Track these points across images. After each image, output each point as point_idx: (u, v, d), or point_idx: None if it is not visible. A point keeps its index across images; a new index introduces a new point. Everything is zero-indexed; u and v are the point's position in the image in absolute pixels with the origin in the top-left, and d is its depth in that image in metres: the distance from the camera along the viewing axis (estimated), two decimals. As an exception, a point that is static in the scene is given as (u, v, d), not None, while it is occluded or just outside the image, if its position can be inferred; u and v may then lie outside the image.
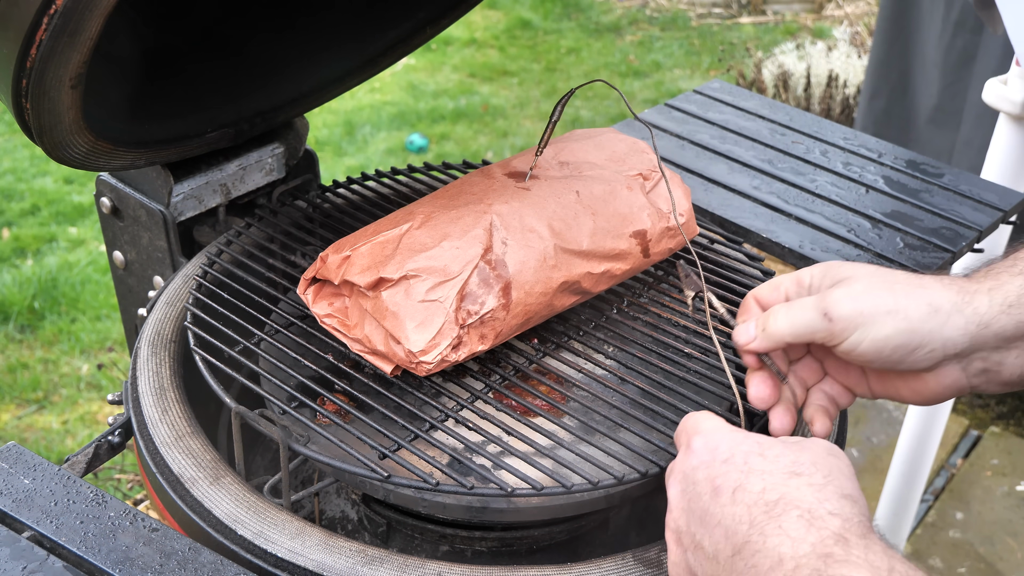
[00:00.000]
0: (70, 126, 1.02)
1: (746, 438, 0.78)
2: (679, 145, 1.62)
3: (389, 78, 4.71)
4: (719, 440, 0.78)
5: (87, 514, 0.84)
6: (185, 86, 1.30)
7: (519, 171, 1.16)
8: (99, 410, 2.65)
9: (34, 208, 3.55)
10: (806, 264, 1.38)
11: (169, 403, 1.05)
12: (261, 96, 1.37)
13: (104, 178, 1.35)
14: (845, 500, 0.71)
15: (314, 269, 1.07)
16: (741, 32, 5.59)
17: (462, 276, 1.00)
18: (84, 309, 3.02)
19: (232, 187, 1.37)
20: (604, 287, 1.13)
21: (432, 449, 0.99)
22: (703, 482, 0.76)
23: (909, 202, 1.48)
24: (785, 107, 1.78)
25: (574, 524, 1.08)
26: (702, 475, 0.76)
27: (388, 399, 1.01)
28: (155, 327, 1.16)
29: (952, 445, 2.78)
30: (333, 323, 1.06)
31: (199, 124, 1.29)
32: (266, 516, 0.93)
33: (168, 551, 0.81)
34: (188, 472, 0.97)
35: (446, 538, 1.07)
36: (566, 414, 1.02)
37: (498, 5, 5.59)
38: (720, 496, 0.74)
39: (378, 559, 0.89)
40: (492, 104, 4.52)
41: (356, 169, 3.91)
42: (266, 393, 1.03)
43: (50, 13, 0.86)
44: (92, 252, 3.30)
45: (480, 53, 5.07)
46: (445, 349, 0.98)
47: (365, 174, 1.40)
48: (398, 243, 1.03)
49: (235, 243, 1.25)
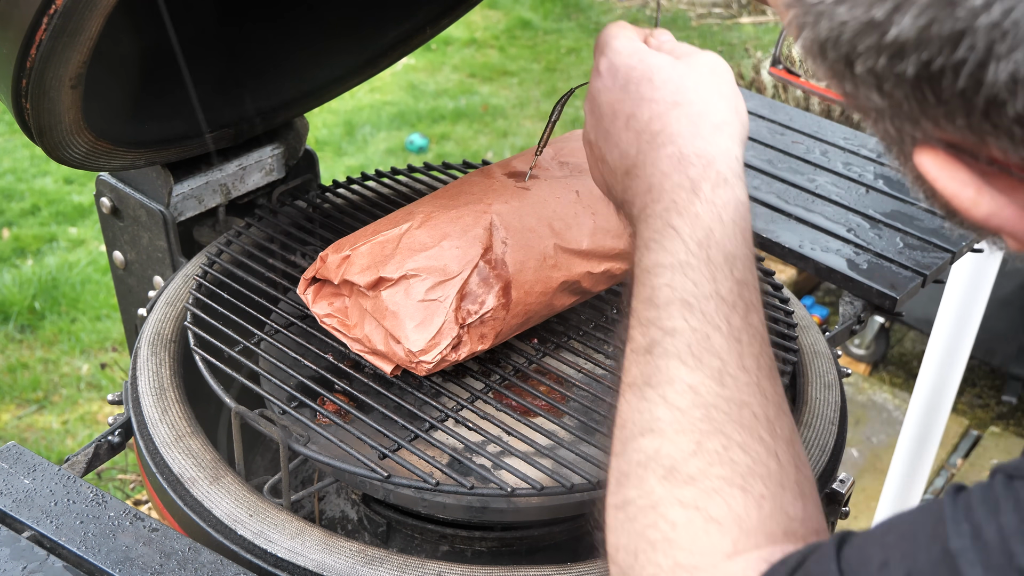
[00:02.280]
0: (70, 126, 1.02)
1: (640, 61, 0.81)
2: (679, 145, 1.61)
3: (389, 78, 4.71)
4: (619, 64, 0.82)
5: (87, 514, 0.84)
6: (185, 86, 1.30)
7: (519, 171, 1.16)
8: (99, 410, 2.65)
9: (34, 208, 3.55)
10: (806, 264, 1.38)
11: (169, 403, 1.05)
12: (261, 96, 1.36)
13: (104, 178, 1.35)
14: (716, 131, 0.76)
15: (314, 269, 1.07)
16: (741, 32, 5.58)
17: (462, 276, 1.00)
18: (84, 309, 3.01)
19: (232, 187, 1.36)
20: (604, 287, 1.13)
21: (432, 449, 0.99)
22: (605, 106, 0.82)
23: (909, 202, 1.48)
24: (785, 107, 1.78)
25: (574, 524, 1.08)
26: (604, 99, 0.82)
27: (388, 399, 1.01)
28: (155, 327, 1.16)
29: (952, 445, 2.78)
30: (333, 323, 1.06)
31: (199, 124, 1.29)
32: (266, 516, 0.93)
33: (168, 551, 0.81)
34: (188, 472, 0.97)
35: (446, 538, 1.07)
36: (566, 414, 1.02)
37: (498, 5, 5.59)
38: (617, 121, 0.80)
39: (378, 559, 0.89)
40: (492, 104, 4.52)
41: (356, 169, 3.90)
42: (266, 393, 1.03)
43: (50, 13, 0.86)
44: (92, 252, 3.30)
45: (480, 53, 5.07)
46: (445, 349, 0.98)
47: (365, 174, 1.40)
48: (398, 243, 1.03)
49: (235, 243, 1.25)
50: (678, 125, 0.76)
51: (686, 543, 0.62)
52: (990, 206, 0.49)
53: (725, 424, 0.65)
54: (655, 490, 0.65)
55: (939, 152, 0.50)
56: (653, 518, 0.64)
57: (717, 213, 0.72)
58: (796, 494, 0.65)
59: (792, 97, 3.99)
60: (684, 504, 0.63)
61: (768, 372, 0.69)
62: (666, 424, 0.67)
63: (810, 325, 1.25)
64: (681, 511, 0.63)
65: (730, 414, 0.66)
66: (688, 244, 0.71)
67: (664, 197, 0.74)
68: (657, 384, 0.68)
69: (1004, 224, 0.49)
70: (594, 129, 0.84)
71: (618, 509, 0.67)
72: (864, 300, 1.34)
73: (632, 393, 0.70)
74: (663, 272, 0.71)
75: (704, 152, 0.75)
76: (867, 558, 0.52)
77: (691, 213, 0.72)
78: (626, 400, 0.70)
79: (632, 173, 0.78)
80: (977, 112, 0.45)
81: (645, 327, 0.71)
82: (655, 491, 0.65)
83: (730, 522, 0.62)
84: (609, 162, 0.82)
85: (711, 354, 0.68)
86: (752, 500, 0.63)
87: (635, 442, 0.68)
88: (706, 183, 0.73)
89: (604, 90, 0.82)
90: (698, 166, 0.74)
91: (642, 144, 0.77)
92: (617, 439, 0.70)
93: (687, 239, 0.71)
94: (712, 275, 0.70)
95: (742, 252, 0.72)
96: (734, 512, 0.62)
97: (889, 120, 0.51)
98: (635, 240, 0.77)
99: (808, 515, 0.65)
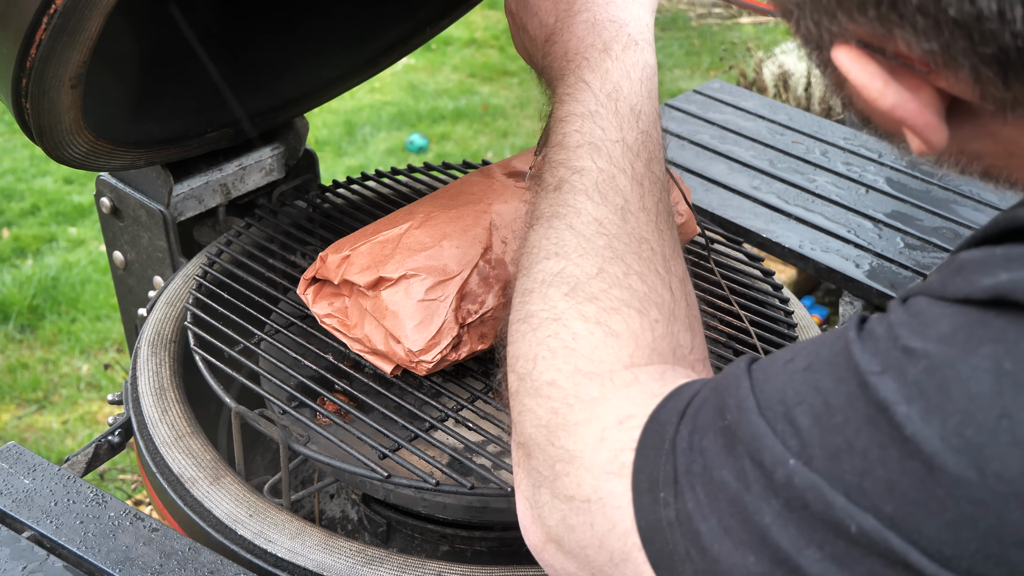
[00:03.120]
0: (70, 126, 1.02)
1: None
2: (679, 145, 1.62)
3: (389, 78, 4.70)
4: None
5: (87, 514, 0.84)
6: (185, 86, 1.30)
7: (519, 171, 1.16)
8: (99, 410, 2.65)
9: (34, 208, 3.55)
10: (806, 264, 1.39)
11: (169, 403, 1.05)
12: (261, 96, 1.36)
13: (104, 178, 1.35)
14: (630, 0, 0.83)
15: (314, 269, 1.07)
16: (741, 32, 5.59)
17: (462, 275, 1.00)
18: (84, 309, 3.01)
19: (232, 187, 1.36)
20: (604, 287, 1.13)
21: (432, 449, 0.99)
22: None
23: (909, 202, 1.48)
24: (785, 107, 1.78)
25: (574, 524, 1.08)
26: None
27: (388, 399, 1.01)
28: (155, 327, 1.16)
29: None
30: (333, 323, 1.06)
31: (199, 124, 1.29)
32: (266, 516, 0.93)
33: (168, 551, 0.81)
34: (188, 472, 0.97)
35: (446, 538, 1.07)
36: (566, 414, 1.02)
37: (498, 5, 5.59)
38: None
39: (378, 559, 0.89)
40: (492, 104, 4.52)
41: (356, 169, 3.90)
42: (266, 393, 1.03)
43: (50, 13, 0.86)
44: (92, 252, 3.30)
45: (480, 53, 5.07)
46: (445, 348, 0.98)
47: (365, 174, 1.40)
48: (398, 242, 1.03)
49: (235, 243, 1.25)
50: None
51: (587, 352, 0.67)
52: (895, 98, 0.53)
53: (625, 254, 0.71)
54: (558, 305, 0.70)
55: (853, 48, 0.54)
56: (555, 328, 0.69)
57: (626, 71, 0.78)
58: (686, 326, 0.71)
59: (793, 97, 3.99)
60: (586, 318, 0.68)
61: (666, 218, 0.75)
62: (571, 249, 0.72)
63: (810, 325, 1.25)
64: (583, 324, 0.68)
65: (630, 246, 0.72)
66: (598, 96, 0.77)
67: (577, 57, 0.80)
68: (564, 215, 0.74)
69: (907, 117, 0.53)
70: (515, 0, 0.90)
71: (521, 322, 0.72)
72: (864, 300, 1.34)
73: (540, 224, 0.75)
74: (574, 120, 0.77)
75: (617, 18, 0.81)
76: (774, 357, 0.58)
77: (602, 69, 0.78)
78: (534, 231, 0.76)
79: (551, 39, 0.84)
80: (885, 1, 0.49)
81: (555, 168, 0.77)
82: (558, 305, 0.70)
83: (628, 337, 0.67)
84: (529, 31, 0.88)
85: (615, 192, 0.74)
86: (648, 322, 0.68)
87: (540, 264, 0.73)
88: (617, 44, 0.80)
89: None
90: (611, 30, 0.80)
91: (559, 12, 0.84)
92: (523, 264, 0.75)
93: (597, 92, 0.78)
94: (619, 124, 0.76)
95: (648, 108, 0.78)
96: (631, 329, 0.67)
97: (809, 16, 0.55)
98: (552, 99, 0.83)
99: (695, 346, 0.71)
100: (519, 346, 0.71)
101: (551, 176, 0.77)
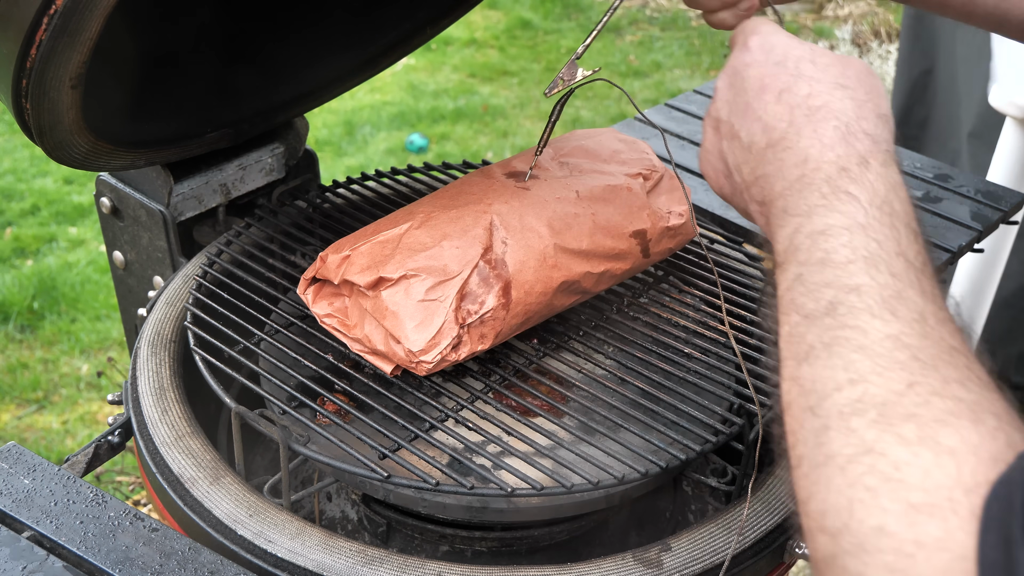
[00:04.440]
0: (70, 126, 1.02)
1: (800, 44, 0.81)
2: (679, 145, 1.62)
3: (389, 78, 4.70)
4: (775, 43, 0.82)
5: (87, 514, 0.84)
6: (185, 86, 1.30)
7: (519, 171, 1.16)
8: (99, 410, 2.65)
9: (34, 208, 3.55)
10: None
11: (169, 403, 1.05)
12: (261, 96, 1.36)
13: (104, 178, 1.35)
14: (880, 120, 0.75)
15: (314, 269, 1.07)
16: (741, 32, 5.58)
17: (462, 275, 1.00)
18: (84, 309, 3.01)
19: (232, 187, 1.36)
20: (604, 287, 1.13)
21: (432, 449, 0.99)
22: (752, 79, 0.81)
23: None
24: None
25: (574, 524, 1.08)
26: (753, 73, 0.81)
27: (388, 399, 1.01)
28: (155, 327, 1.16)
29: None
30: (333, 323, 1.06)
31: (199, 124, 1.29)
32: (266, 516, 0.93)
33: (168, 551, 0.81)
34: (188, 472, 0.97)
35: (446, 538, 1.07)
36: (566, 414, 1.02)
37: (498, 5, 5.59)
38: (765, 95, 0.79)
39: (378, 559, 0.89)
40: (492, 104, 4.52)
41: (356, 169, 3.90)
42: (266, 393, 1.03)
43: (50, 13, 0.86)
44: (92, 252, 3.30)
45: (480, 53, 5.07)
46: (445, 348, 0.98)
47: (365, 174, 1.40)
48: (398, 243, 1.03)
49: (235, 243, 1.25)
50: (842, 104, 0.75)
51: (916, 481, 0.55)
52: None
53: (937, 364, 0.59)
54: (866, 435, 0.58)
55: None
56: (869, 463, 0.57)
57: (891, 185, 0.70)
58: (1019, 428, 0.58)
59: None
60: (906, 441, 0.56)
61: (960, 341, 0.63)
62: (867, 370, 0.60)
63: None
64: (903, 449, 0.56)
65: (940, 356, 0.60)
66: (867, 208, 0.68)
67: (826, 167, 0.72)
68: (848, 339, 0.62)
69: None
70: (730, 104, 0.82)
71: (819, 468, 0.60)
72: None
73: (816, 356, 0.64)
74: (839, 233, 0.67)
75: (871, 132, 0.74)
76: None
77: (866, 180, 0.70)
78: (808, 366, 0.64)
79: (779, 145, 0.76)
80: None
81: (819, 290, 0.66)
82: (866, 436, 0.58)
83: (965, 452, 0.55)
84: (743, 138, 0.80)
85: (907, 307, 0.63)
86: (986, 431, 0.56)
87: (831, 399, 0.61)
88: (875, 159, 0.71)
89: (754, 64, 0.81)
90: (866, 143, 0.73)
91: (796, 117, 0.76)
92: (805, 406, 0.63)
93: (865, 204, 0.68)
94: (896, 238, 0.66)
95: (921, 231, 0.69)
96: (968, 442, 0.55)
97: None
98: (776, 216, 0.74)
99: None
100: (824, 498, 0.59)
101: (812, 300, 0.66)
